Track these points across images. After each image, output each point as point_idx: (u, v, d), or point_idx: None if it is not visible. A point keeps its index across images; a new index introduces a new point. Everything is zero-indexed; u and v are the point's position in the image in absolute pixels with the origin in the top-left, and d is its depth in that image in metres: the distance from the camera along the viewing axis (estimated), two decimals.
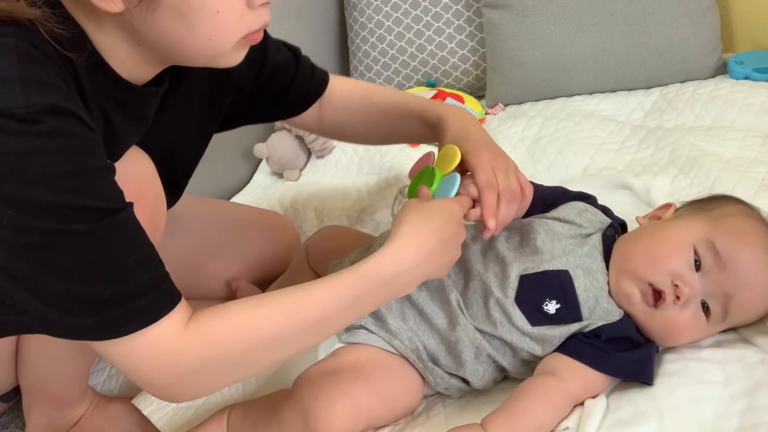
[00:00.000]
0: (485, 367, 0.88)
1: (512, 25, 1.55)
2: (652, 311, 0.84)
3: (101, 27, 0.71)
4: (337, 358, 0.90)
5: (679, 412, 0.78)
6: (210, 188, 1.53)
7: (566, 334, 0.85)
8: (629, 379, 0.84)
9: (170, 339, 0.70)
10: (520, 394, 0.81)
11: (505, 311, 0.86)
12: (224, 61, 0.76)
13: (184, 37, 0.71)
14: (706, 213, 0.89)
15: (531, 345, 0.86)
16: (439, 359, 0.89)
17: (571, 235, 0.92)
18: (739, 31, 1.61)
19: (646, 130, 1.38)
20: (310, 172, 1.60)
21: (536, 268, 0.88)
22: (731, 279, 0.83)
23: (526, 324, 0.85)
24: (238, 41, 0.74)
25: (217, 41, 0.72)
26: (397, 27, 1.71)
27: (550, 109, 1.52)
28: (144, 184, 0.84)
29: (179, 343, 0.70)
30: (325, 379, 0.86)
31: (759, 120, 1.33)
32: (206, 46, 0.72)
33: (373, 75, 1.76)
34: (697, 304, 0.84)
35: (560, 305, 0.86)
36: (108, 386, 1.16)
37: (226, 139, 1.58)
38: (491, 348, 0.87)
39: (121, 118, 0.79)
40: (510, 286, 0.87)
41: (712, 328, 0.86)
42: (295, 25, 1.74)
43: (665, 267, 0.84)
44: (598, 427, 0.79)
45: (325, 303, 0.75)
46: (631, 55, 1.50)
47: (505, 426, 0.79)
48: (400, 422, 0.89)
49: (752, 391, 0.79)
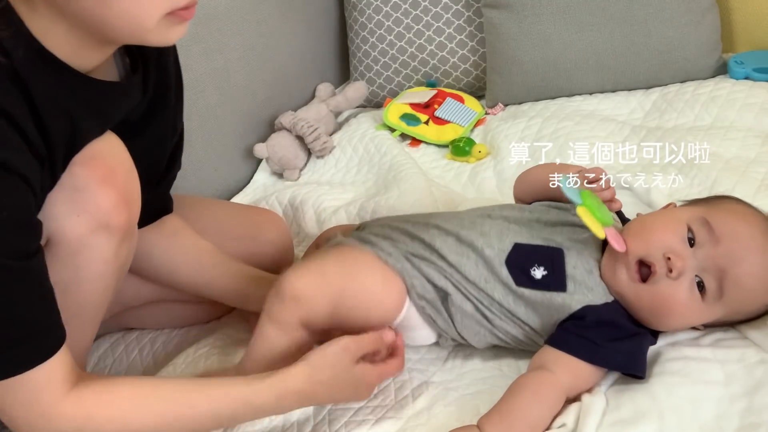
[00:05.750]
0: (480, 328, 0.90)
1: (512, 25, 1.55)
2: (640, 287, 0.84)
3: (34, 9, 0.71)
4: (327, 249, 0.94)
5: (680, 412, 0.78)
6: (210, 188, 1.53)
7: (549, 304, 0.86)
8: (620, 370, 0.85)
9: (49, 402, 0.73)
10: (513, 391, 0.82)
11: (493, 270, 0.88)
12: (152, 38, 0.73)
13: (103, 13, 0.69)
14: (704, 203, 0.91)
15: (515, 305, 0.88)
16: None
17: (571, 223, 0.93)
18: (739, 31, 1.62)
19: (646, 130, 1.38)
20: (310, 172, 1.60)
21: (532, 241, 0.91)
22: (725, 252, 0.83)
23: (511, 282, 0.88)
24: (163, 17, 0.71)
25: (136, 17, 0.70)
26: (397, 27, 1.71)
27: (550, 109, 1.52)
28: (112, 161, 0.83)
29: (57, 408, 0.74)
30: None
31: (759, 120, 1.33)
32: (126, 23, 0.70)
33: (373, 75, 1.76)
34: (691, 280, 0.83)
35: (547, 272, 0.88)
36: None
37: (226, 139, 1.58)
38: (484, 308, 0.89)
39: (82, 114, 0.78)
40: (503, 249, 0.90)
41: (709, 309, 0.85)
42: (295, 25, 1.74)
43: (658, 242, 0.84)
44: (598, 426, 0.79)
45: (205, 414, 0.80)
46: (631, 55, 1.50)
47: (501, 426, 0.79)
48: (401, 419, 0.89)
49: (752, 391, 0.79)
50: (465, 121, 1.58)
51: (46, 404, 0.73)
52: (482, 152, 1.48)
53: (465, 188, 1.39)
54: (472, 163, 1.47)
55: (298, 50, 1.76)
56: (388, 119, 1.62)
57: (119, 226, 0.82)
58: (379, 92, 1.77)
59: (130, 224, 0.85)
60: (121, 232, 0.83)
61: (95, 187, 0.80)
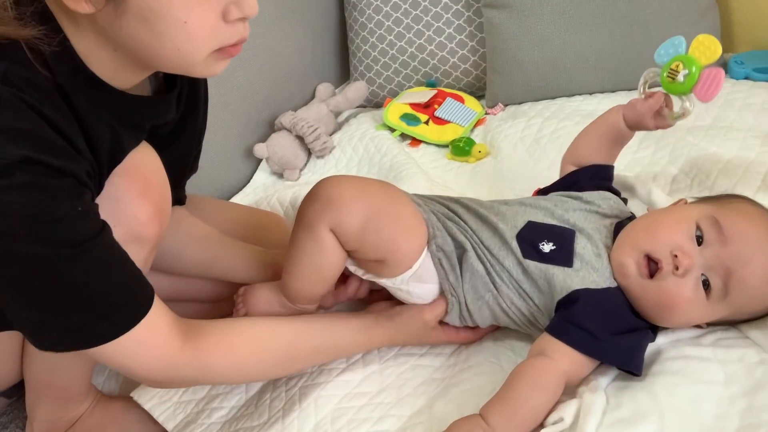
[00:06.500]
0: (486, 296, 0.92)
1: (512, 25, 1.55)
2: (646, 283, 0.85)
3: (79, 29, 0.71)
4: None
5: (680, 412, 0.78)
6: (210, 188, 1.53)
7: (550, 279, 0.88)
8: (616, 365, 0.85)
9: (165, 354, 0.80)
10: (514, 379, 0.83)
11: (506, 241, 0.91)
12: (198, 71, 0.75)
13: (152, 45, 0.70)
14: (715, 201, 0.91)
15: (523, 276, 0.90)
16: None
17: (587, 210, 0.95)
18: (739, 31, 1.62)
19: None
20: (310, 172, 1.60)
21: (546, 221, 0.93)
22: (733, 253, 0.83)
23: (519, 254, 0.90)
24: (211, 54, 0.72)
25: (185, 52, 0.71)
26: (397, 27, 1.71)
27: (550, 109, 1.52)
28: (149, 174, 0.85)
29: (176, 359, 0.81)
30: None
31: (759, 120, 1.33)
32: (175, 56, 0.71)
33: (373, 75, 1.76)
34: (697, 278, 0.84)
35: (555, 247, 0.89)
36: (108, 386, 1.16)
37: (226, 139, 1.58)
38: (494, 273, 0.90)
39: (120, 126, 0.79)
40: (516, 225, 0.92)
41: (713, 308, 0.85)
42: (295, 25, 1.74)
43: (666, 239, 0.85)
44: (598, 425, 0.79)
45: (320, 347, 0.94)
46: (631, 55, 1.50)
47: (504, 414, 0.80)
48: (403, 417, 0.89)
49: (752, 391, 0.79)
50: (465, 121, 1.58)
51: (163, 356, 0.80)
52: (482, 152, 1.48)
53: (465, 188, 1.39)
54: (472, 163, 1.47)
55: (298, 50, 1.76)
56: (388, 119, 1.62)
57: (150, 238, 0.84)
58: (379, 92, 1.77)
59: (161, 236, 0.87)
60: (151, 244, 0.85)
61: (132, 199, 0.82)
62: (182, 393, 1.05)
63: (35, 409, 1.07)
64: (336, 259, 0.89)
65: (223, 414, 1.00)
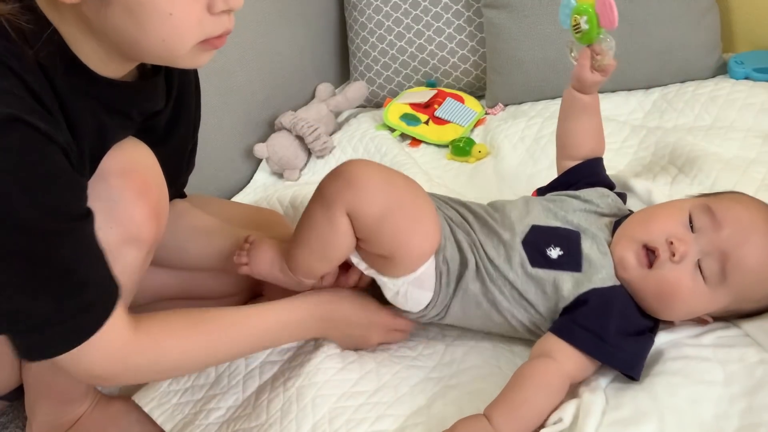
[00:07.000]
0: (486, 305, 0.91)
1: (512, 25, 1.55)
2: (646, 273, 0.86)
3: (63, 18, 0.71)
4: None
5: (680, 412, 0.78)
6: (210, 188, 1.53)
7: (558, 286, 0.87)
8: (619, 369, 0.85)
9: (122, 346, 0.78)
10: (518, 380, 0.83)
11: (511, 250, 0.90)
12: (183, 62, 0.75)
13: (137, 36, 0.70)
14: (709, 195, 0.93)
15: (527, 286, 0.89)
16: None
17: (586, 210, 0.96)
18: (739, 31, 1.61)
19: (647, 130, 1.38)
20: (310, 172, 1.60)
21: (549, 223, 0.93)
22: (727, 236, 0.84)
23: (527, 263, 0.89)
24: (196, 45, 0.72)
25: (170, 43, 0.71)
26: (397, 27, 1.71)
27: (550, 109, 1.52)
28: (146, 174, 0.85)
29: (129, 348, 0.79)
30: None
31: (759, 120, 1.33)
32: (160, 47, 0.71)
33: (373, 75, 1.76)
34: (694, 264, 0.85)
35: (563, 252, 0.89)
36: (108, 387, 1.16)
37: (226, 139, 1.58)
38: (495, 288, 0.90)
39: (105, 114, 0.79)
40: (520, 231, 0.92)
41: (714, 295, 0.86)
42: (295, 25, 1.74)
43: (661, 228, 0.87)
44: (598, 425, 0.79)
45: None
46: (631, 55, 1.50)
47: (508, 416, 0.80)
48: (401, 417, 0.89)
49: (752, 391, 0.79)
50: (465, 121, 1.58)
51: (121, 349, 0.78)
52: (482, 152, 1.48)
53: (465, 188, 1.39)
54: (472, 163, 1.47)
55: (298, 50, 1.76)
56: (388, 119, 1.62)
57: (147, 239, 0.84)
58: (379, 92, 1.77)
59: (158, 237, 0.86)
60: (149, 245, 0.85)
61: (130, 200, 0.81)
62: (181, 395, 1.05)
63: (35, 410, 1.07)
64: (345, 243, 0.88)
65: (221, 414, 1.00)
